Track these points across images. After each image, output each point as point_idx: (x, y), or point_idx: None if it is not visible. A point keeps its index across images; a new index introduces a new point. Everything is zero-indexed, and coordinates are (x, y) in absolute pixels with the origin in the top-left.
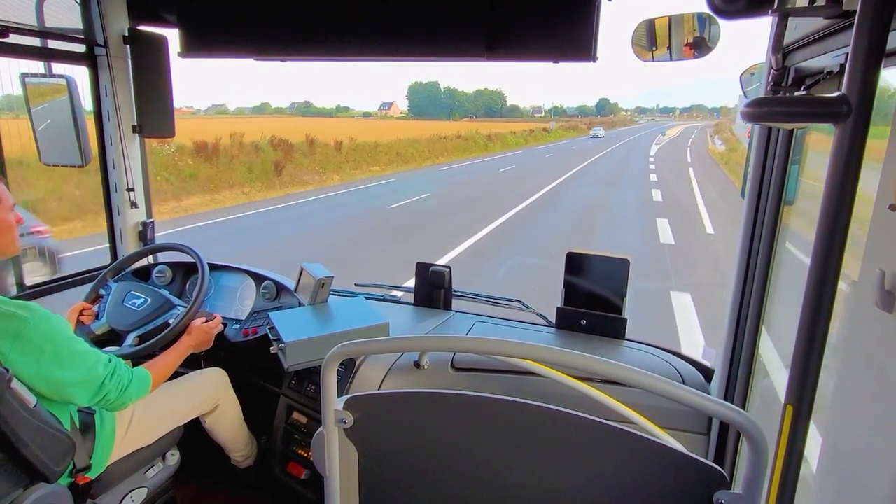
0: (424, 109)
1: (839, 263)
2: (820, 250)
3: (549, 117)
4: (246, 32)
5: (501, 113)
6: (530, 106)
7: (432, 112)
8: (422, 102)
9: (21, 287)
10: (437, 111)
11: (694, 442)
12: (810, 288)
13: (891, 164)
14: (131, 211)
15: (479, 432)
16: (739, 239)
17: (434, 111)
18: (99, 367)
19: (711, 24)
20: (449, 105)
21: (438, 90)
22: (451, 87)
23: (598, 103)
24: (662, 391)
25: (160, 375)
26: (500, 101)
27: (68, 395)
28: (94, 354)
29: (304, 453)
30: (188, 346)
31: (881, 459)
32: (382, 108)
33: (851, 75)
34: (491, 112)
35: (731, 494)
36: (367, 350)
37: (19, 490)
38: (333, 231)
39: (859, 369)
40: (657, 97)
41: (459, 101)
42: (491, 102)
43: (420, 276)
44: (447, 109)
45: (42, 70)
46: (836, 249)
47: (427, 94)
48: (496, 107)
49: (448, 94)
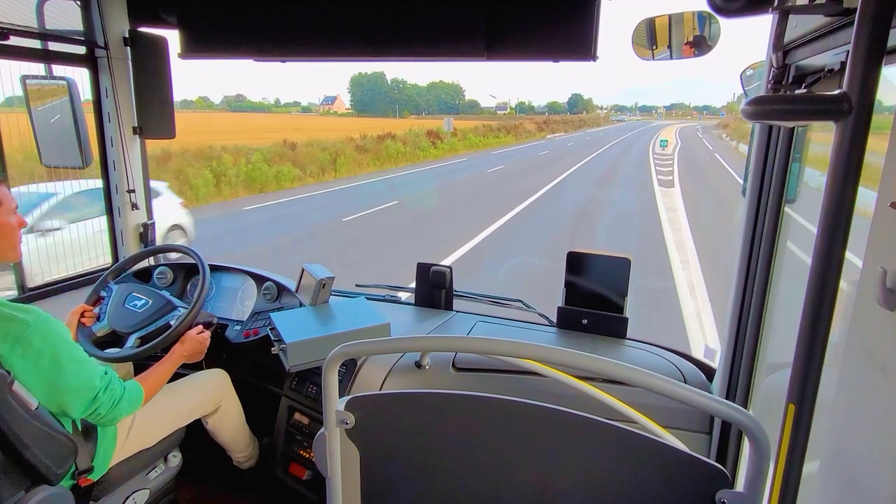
0: (369, 105)
1: (841, 261)
2: (821, 248)
3: (514, 114)
4: (246, 33)
5: (458, 109)
6: (496, 103)
7: (377, 108)
8: (365, 97)
9: (22, 289)
10: (384, 107)
11: (696, 441)
12: (812, 286)
13: (892, 161)
14: (132, 212)
15: (481, 432)
16: (740, 238)
17: (379, 107)
18: (96, 378)
19: (712, 23)
20: (396, 100)
21: (384, 83)
22: (399, 80)
23: (570, 99)
24: (664, 390)
25: (153, 388)
26: (456, 95)
27: (63, 403)
28: (91, 364)
29: (306, 454)
30: (180, 355)
31: (883, 458)
32: (325, 102)
33: (852, 73)
34: (447, 108)
35: (734, 493)
36: (368, 350)
37: (21, 492)
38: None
39: (861, 367)
40: (636, 95)
41: (409, 95)
42: (446, 97)
43: (421, 276)
44: (395, 105)
45: (42, 72)
46: (837, 247)
47: (371, 88)
48: (452, 102)
49: (395, 87)
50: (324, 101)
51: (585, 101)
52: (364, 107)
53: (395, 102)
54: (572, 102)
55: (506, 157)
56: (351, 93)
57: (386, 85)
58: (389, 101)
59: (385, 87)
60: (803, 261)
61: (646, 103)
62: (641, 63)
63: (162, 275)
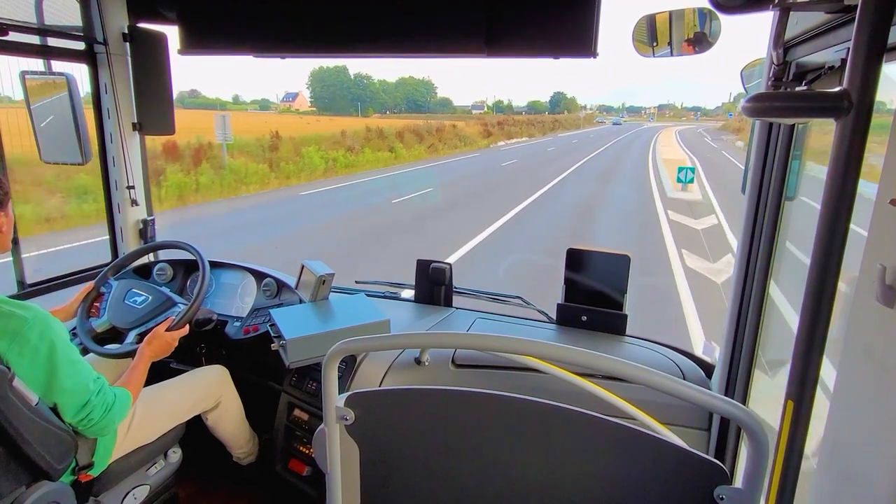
0: (330, 102)
1: (840, 258)
2: (821, 245)
3: (491, 113)
4: (245, 29)
5: (429, 107)
6: (473, 101)
7: (339, 105)
8: (326, 93)
9: (21, 285)
10: (347, 104)
11: (695, 437)
12: (811, 283)
13: (892, 158)
14: (132, 209)
15: (480, 428)
16: (740, 235)
17: (341, 104)
18: (89, 381)
19: (712, 20)
20: (359, 97)
21: (346, 78)
22: (364, 75)
23: (553, 98)
24: (663, 387)
25: (136, 391)
26: (427, 93)
27: (56, 403)
28: (86, 367)
29: (306, 450)
30: (149, 356)
31: (881, 454)
32: (286, 99)
33: (852, 70)
34: (416, 106)
35: (732, 489)
36: (367, 347)
37: (22, 488)
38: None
39: (860, 364)
40: (624, 96)
41: (373, 91)
42: (416, 94)
43: (421, 272)
44: (357, 102)
45: (42, 68)
46: (837, 244)
47: (332, 83)
48: (422, 100)
49: (358, 82)
50: (285, 97)
51: (569, 99)
52: (325, 104)
53: (357, 100)
54: (554, 101)
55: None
56: (311, 89)
57: (348, 80)
58: (352, 98)
59: (347, 82)
60: (802, 258)
61: (633, 104)
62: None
63: (162, 271)
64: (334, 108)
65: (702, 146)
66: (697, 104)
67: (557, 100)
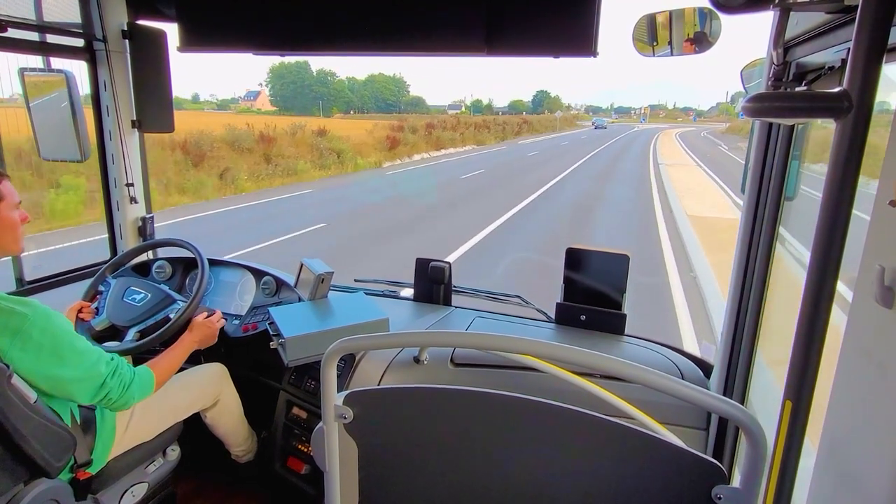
0: (290, 101)
1: (839, 259)
2: (820, 245)
3: (468, 114)
4: (245, 27)
5: (399, 107)
6: (452, 101)
7: (300, 104)
8: (286, 91)
9: (20, 282)
10: (308, 103)
11: (693, 437)
12: (810, 283)
13: (891, 159)
14: (131, 206)
15: (479, 427)
16: (739, 234)
17: (302, 103)
18: (101, 365)
19: (712, 19)
20: (322, 95)
21: (308, 74)
22: (327, 71)
23: (535, 97)
24: (662, 387)
25: (164, 374)
26: (398, 91)
27: (69, 393)
28: (95, 352)
29: (304, 448)
30: (191, 342)
31: (879, 454)
32: (248, 98)
33: (852, 71)
34: (386, 105)
35: (730, 489)
36: (366, 345)
37: (20, 485)
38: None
39: (858, 365)
40: (613, 96)
41: (337, 89)
42: (385, 93)
43: (420, 271)
44: (319, 101)
45: (41, 65)
46: (836, 244)
47: (293, 80)
48: (392, 99)
49: (321, 80)
50: (246, 96)
51: (552, 99)
52: (285, 102)
53: (320, 98)
54: (538, 101)
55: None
56: (270, 86)
57: (310, 77)
58: (314, 96)
59: (309, 79)
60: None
61: (623, 104)
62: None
63: (160, 269)
64: (296, 106)
65: (724, 160)
66: (688, 104)
67: (540, 99)
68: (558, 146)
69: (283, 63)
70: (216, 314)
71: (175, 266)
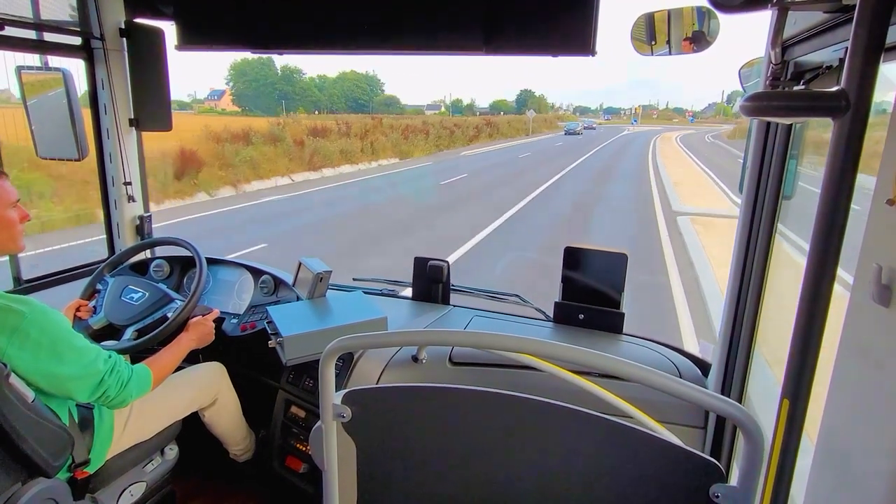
0: (252, 100)
1: (836, 257)
2: (817, 244)
3: (448, 114)
4: (242, 25)
5: (371, 107)
6: (431, 100)
7: (263, 103)
8: (248, 90)
9: (18, 281)
10: (271, 102)
11: (691, 436)
12: (807, 282)
13: (889, 159)
14: (129, 205)
15: (477, 426)
16: (737, 233)
17: (266, 102)
18: (99, 362)
19: (711, 18)
20: (286, 94)
21: (272, 72)
22: (293, 68)
23: (519, 97)
24: (660, 385)
25: (161, 372)
26: (371, 90)
27: (67, 390)
28: (93, 350)
29: (303, 447)
30: (189, 341)
31: (877, 452)
32: (211, 97)
33: (850, 70)
34: (358, 105)
35: (728, 487)
36: (365, 344)
37: (18, 485)
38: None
39: (855, 363)
40: (602, 96)
41: (304, 87)
42: (357, 91)
43: (418, 270)
44: (283, 100)
45: (38, 63)
46: (833, 243)
47: (256, 78)
48: (364, 98)
49: (286, 77)
50: (210, 95)
51: (537, 98)
52: (247, 102)
53: (285, 97)
54: (521, 100)
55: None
56: (232, 84)
57: (274, 75)
58: (279, 95)
59: (273, 77)
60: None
61: (612, 105)
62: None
63: (158, 268)
64: (260, 106)
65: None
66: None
67: (524, 98)
68: (512, 161)
69: (246, 59)
70: (213, 312)
71: (173, 265)
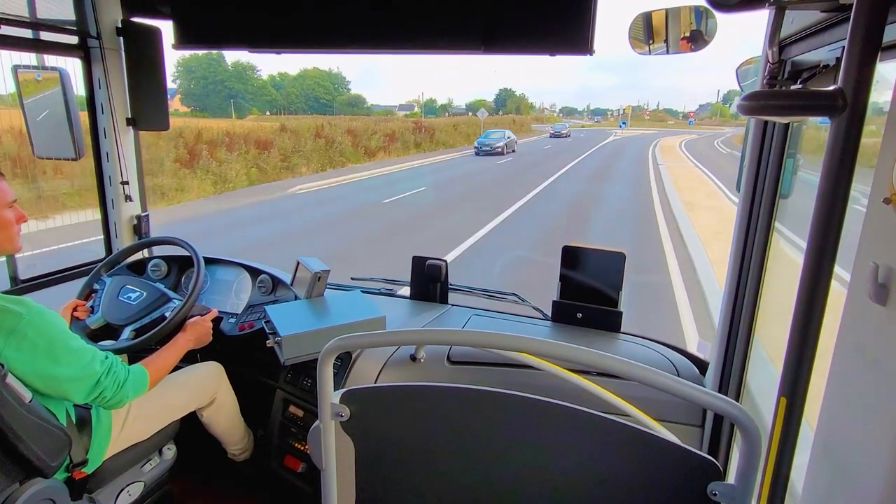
0: (202, 99)
1: (833, 255)
2: (814, 243)
3: (420, 115)
4: (240, 24)
5: (333, 107)
6: (405, 100)
7: (213, 103)
8: (198, 88)
9: (14, 281)
10: (224, 101)
11: (688, 434)
12: (804, 280)
13: (885, 157)
14: (126, 204)
15: (475, 425)
16: (734, 232)
17: (216, 102)
18: (95, 363)
19: (708, 18)
20: (238, 92)
21: (222, 70)
22: (246, 65)
23: (498, 96)
24: (657, 383)
25: (158, 372)
26: (335, 89)
27: (64, 391)
28: (90, 351)
29: (301, 446)
30: (186, 341)
31: (873, 450)
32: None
33: (847, 69)
34: (319, 105)
35: (725, 485)
36: (363, 343)
37: (16, 485)
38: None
39: (852, 362)
40: (589, 96)
41: (258, 86)
42: (318, 90)
43: (416, 269)
44: (233, 99)
45: (34, 62)
46: (830, 242)
47: (205, 76)
48: (327, 97)
49: (237, 75)
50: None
51: (518, 97)
52: (196, 101)
53: (236, 96)
54: (500, 100)
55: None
56: (179, 83)
57: (224, 73)
58: (229, 94)
59: (223, 75)
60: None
61: (599, 105)
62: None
63: (156, 267)
64: (210, 106)
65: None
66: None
67: (504, 98)
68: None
69: (195, 55)
70: (211, 311)
71: (171, 264)
